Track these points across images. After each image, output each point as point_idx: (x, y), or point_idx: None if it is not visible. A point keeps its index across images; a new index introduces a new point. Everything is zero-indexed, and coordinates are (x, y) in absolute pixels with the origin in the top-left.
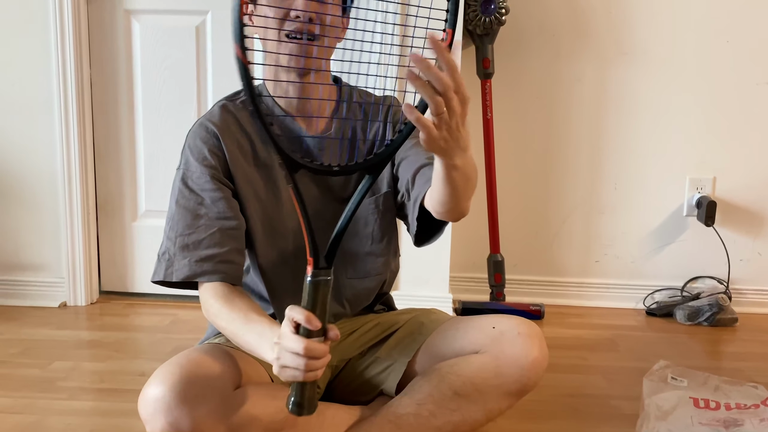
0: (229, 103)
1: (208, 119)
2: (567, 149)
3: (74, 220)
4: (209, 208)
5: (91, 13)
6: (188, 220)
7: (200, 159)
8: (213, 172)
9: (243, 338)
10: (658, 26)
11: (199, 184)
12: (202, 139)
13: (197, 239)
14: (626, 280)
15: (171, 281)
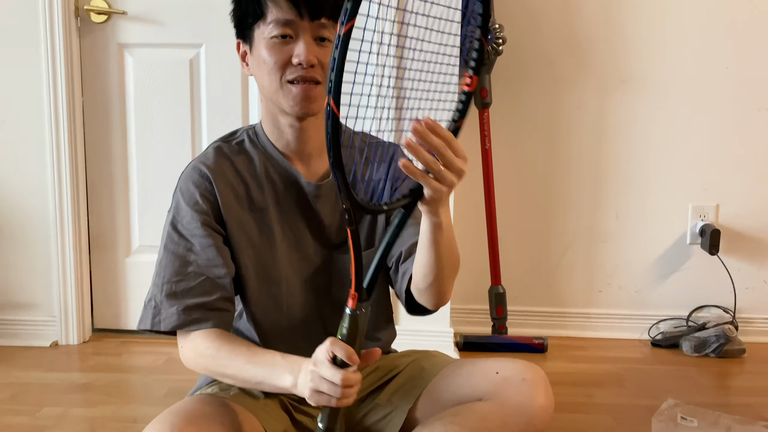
0: (224, 144)
1: (202, 162)
2: (568, 178)
3: (66, 256)
4: (198, 255)
5: (83, 47)
6: (176, 266)
7: (191, 203)
8: (204, 217)
9: (251, 372)
10: (658, 53)
11: (189, 229)
12: (194, 182)
13: (186, 287)
14: (630, 310)
15: (158, 330)
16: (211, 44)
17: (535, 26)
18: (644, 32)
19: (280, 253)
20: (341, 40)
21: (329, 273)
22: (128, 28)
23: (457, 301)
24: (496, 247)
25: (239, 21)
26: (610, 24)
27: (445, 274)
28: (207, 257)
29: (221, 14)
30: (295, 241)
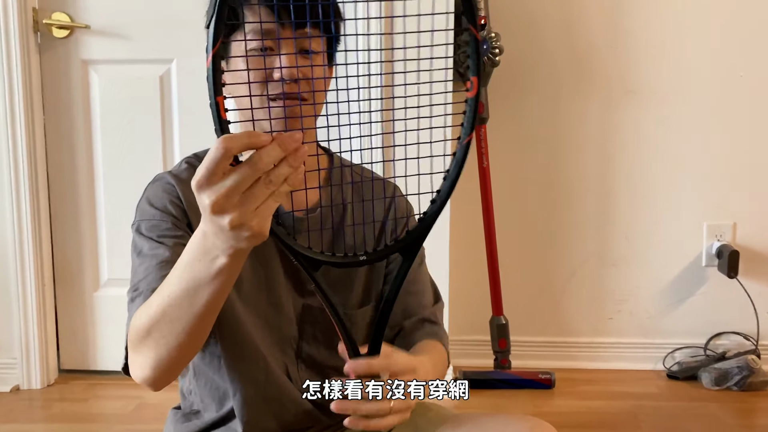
0: (197, 160)
1: (171, 173)
2: (572, 198)
3: (27, 292)
4: (170, 249)
5: (44, 64)
6: (146, 265)
7: (160, 207)
8: (174, 220)
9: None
10: (666, 62)
11: (158, 230)
12: (163, 189)
13: (155, 276)
14: (643, 339)
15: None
16: (183, 59)
17: (534, 34)
18: (651, 39)
19: (246, 292)
20: (210, 71)
21: (301, 324)
22: (93, 43)
23: (456, 333)
24: (496, 274)
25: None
26: (614, 30)
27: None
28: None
29: (193, 27)
30: (265, 281)
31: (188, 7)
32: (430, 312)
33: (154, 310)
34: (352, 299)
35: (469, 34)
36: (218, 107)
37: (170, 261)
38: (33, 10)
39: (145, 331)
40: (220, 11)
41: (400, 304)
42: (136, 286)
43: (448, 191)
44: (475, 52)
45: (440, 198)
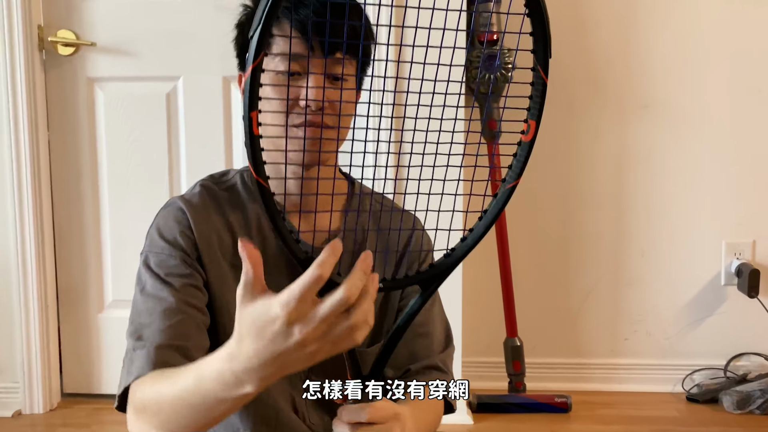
0: (214, 185)
1: (186, 199)
2: (587, 215)
3: (30, 313)
4: (176, 294)
5: (49, 81)
6: (149, 307)
7: (170, 240)
8: (183, 255)
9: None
10: (682, 75)
11: (166, 267)
12: (175, 218)
13: (158, 328)
14: (661, 360)
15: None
16: (190, 77)
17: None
18: (667, 53)
19: None
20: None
21: None
22: (98, 61)
23: (469, 354)
24: (510, 294)
25: (242, 50)
26: (629, 45)
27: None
28: (186, 297)
29: (200, 44)
30: None
31: (195, 24)
32: (440, 358)
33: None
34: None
35: (537, 76)
36: (251, 122)
37: (175, 309)
38: (38, 27)
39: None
40: (267, 23)
41: (409, 346)
42: (139, 333)
43: (483, 232)
44: (540, 96)
45: (472, 237)
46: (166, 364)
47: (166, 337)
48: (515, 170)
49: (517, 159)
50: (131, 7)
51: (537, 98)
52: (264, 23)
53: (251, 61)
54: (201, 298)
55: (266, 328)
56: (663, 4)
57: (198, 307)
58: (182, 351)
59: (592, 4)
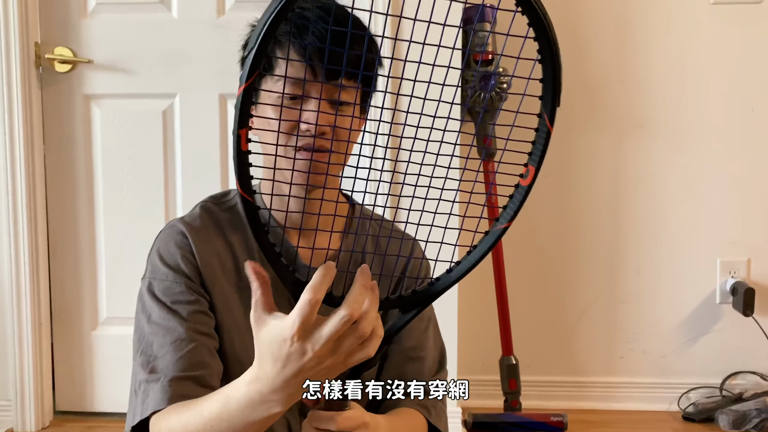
0: (214, 206)
1: (186, 222)
2: (583, 233)
3: (24, 330)
4: (184, 323)
5: (45, 98)
6: (159, 337)
7: (173, 265)
8: (187, 281)
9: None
10: (676, 95)
11: (171, 295)
12: (176, 243)
13: (172, 360)
14: (657, 378)
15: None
16: (187, 94)
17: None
18: (662, 72)
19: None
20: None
21: None
22: (95, 78)
23: (464, 372)
24: (506, 312)
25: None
26: (624, 64)
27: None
28: (195, 325)
29: (197, 62)
30: None
31: (192, 43)
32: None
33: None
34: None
35: (542, 123)
36: (239, 139)
37: (185, 338)
38: (35, 44)
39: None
40: (264, 43)
41: (398, 368)
42: (152, 365)
43: (469, 268)
44: (543, 144)
45: (458, 271)
46: (184, 396)
47: (180, 368)
48: (509, 212)
49: (513, 201)
50: (128, 25)
51: (540, 145)
52: (260, 45)
53: (244, 80)
54: (209, 323)
55: (281, 349)
56: (659, 24)
57: (207, 333)
58: (198, 380)
59: (588, 23)
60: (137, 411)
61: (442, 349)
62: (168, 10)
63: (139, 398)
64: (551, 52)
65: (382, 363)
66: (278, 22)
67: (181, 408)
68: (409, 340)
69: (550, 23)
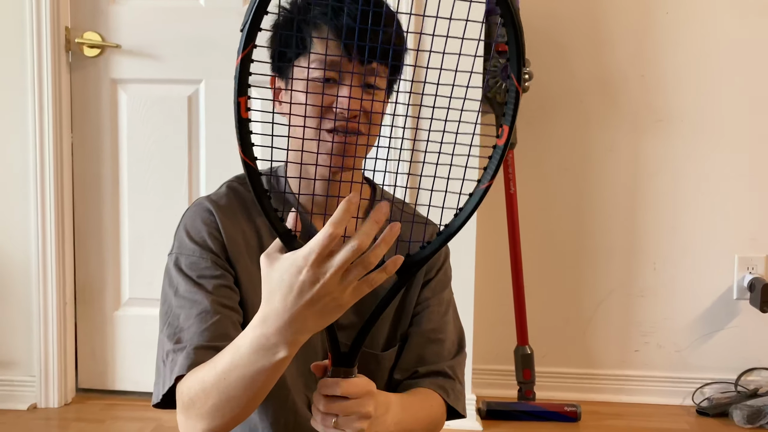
0: (240, 186)
1: (212, 200)
2: (600, 226)
3: (49, 309)
4: (210, 296)
5: (74, 82)
6: (185, 309)
7: (199, 241)
8: (214, 257)
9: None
10: (696, 90)
11: (197, 269)
12: (202, 219)
13: (197, 330)
14: (671, 373)
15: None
16: (212, 80)
17: (563, 61)
18: (682, 67)
19: None
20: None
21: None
22: (123, 63)
23: (479, 362)
24: (522, 302)
25: (277, 54)
26: (644, 59)
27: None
28: (220, 298)
29: (223, 49)
30: None
31: (218, 30)
32: (448, 365)
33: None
34: (379, 339)
35: (511, 84)
36: (239, 106)
37: (211, 311)
38: (66, 29)
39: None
40: (256, 18)
41: (419, 350)
42: (178, 336)
43: (456, 230)
44: (513, 104)
45: (446, 233)
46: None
47: (205, 339)
48: (489, 172)
49: (492, 161)
50: (156, 11)
51: (511, 105)
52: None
53: (240, 51)
54: (233, 297)
55: (294, 277)
56: (678, 19)
57: (231, 306)
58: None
59: (607, 18)
60: (166, 379)
61: (461, 333)
62: None
63: (167, 367)
64: (510, 14)
65: (402, 344)
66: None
67: (198, 369)
68: (429, 322)
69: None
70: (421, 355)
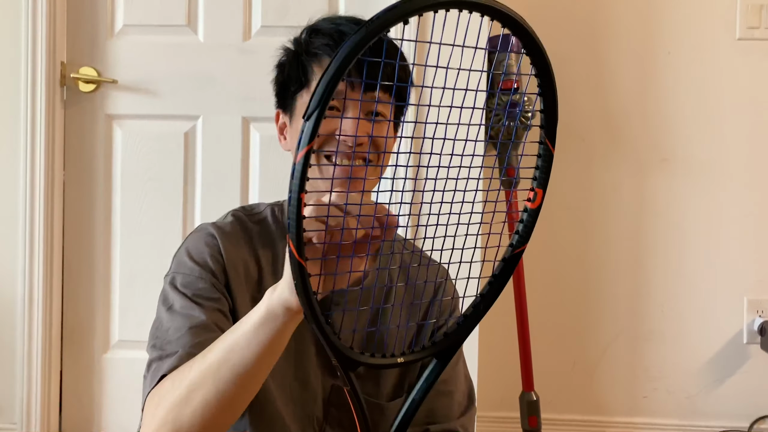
0: (245, 216)
1: (216, 225)
2: (605, 268)
3: (33, 352)
4: (203, 315)
5: (68, 117)
6: (177, 323)
7: (200, 262)
8: (213, 279)
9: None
10: (700, 129)
11: (194, 289)
12: (205, 242)
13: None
14: (681, 420)
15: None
16: (210, 117)
17: (565, 99)
18: (687, 106)
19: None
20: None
21: (327, 406)
22: (118, 98)
23: (484, 408)
24: (527, 347)
25: (281, 88)
26: (647, 97)
27: None
28: (214, 319)
29: (221, 86)
30: (294, 353)
31: (217, 66)
32: (460, 423)
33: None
34: (385, 389)
35: (544, 148)
36: (299, 203)
37: (204, 326)
38: (61, 64)
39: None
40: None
41: (429, 404)
42: (163, 347)
43: (493, 297)
44: (546, 166)
45: (484, 303)
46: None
47: (192, 349)
48: (523, 235)
49: (524, 225)
50: (154, 46)
51: (544, 167)
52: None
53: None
54: (227, 325)
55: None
56: (683, 59)
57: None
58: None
59: (610, 56)
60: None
61: (471, 384)
62: (194, 33)
63: (147, 380)
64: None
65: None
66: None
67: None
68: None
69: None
70: (431, 408)
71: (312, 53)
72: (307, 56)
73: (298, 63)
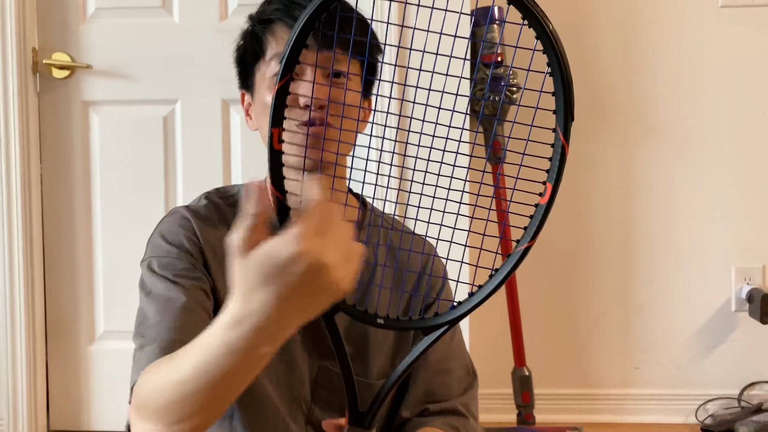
0: (220, 200)
1: (189, 208)
2: (593, 241)
3: (17, 346)
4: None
5: (42, 105)
6: (158, 306)
7: (176, 244)
8: (191, 259)
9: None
10: (685, 99)
11: (173, 269)
12: (180, 224)
13: (169, 325)
14: (672, 390)
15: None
16: (188, 100)
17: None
18: (671, 76)
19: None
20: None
21: (315, 387)
22: (94, 84)
23: None
24: (518, 324)
25: (241, 66)
26: (632, 68)
27: None
28: (195, 297)
29: (199, 68)
30: None
31: (193, 48)
32: (460, 401)
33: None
34: (375, 367)
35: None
36: (272, 138)
37: (186, 308)
38: (33, 50)
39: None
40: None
41: (426, 384)
42: (144, 333)
43: (491, 291)
44: (559, 161)
45: (479, 295)
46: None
47: (174, 334)
48: (530, 232)
49: (533, 221)
50: (128, 29)
51: (556, 161)
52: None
53: (277, 82)
54: (209, 303)
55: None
56: (666, 28)
57: (207, 310)
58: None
59: (594, 29)
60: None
61: (469, 361)
62: (169, 14)
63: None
64: (560, 65)
65: (407, 380)
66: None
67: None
68: (433, 353)
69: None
70: (429, 389)
71: (264, 21)
72: (260, 25)
73: (252, 35)
